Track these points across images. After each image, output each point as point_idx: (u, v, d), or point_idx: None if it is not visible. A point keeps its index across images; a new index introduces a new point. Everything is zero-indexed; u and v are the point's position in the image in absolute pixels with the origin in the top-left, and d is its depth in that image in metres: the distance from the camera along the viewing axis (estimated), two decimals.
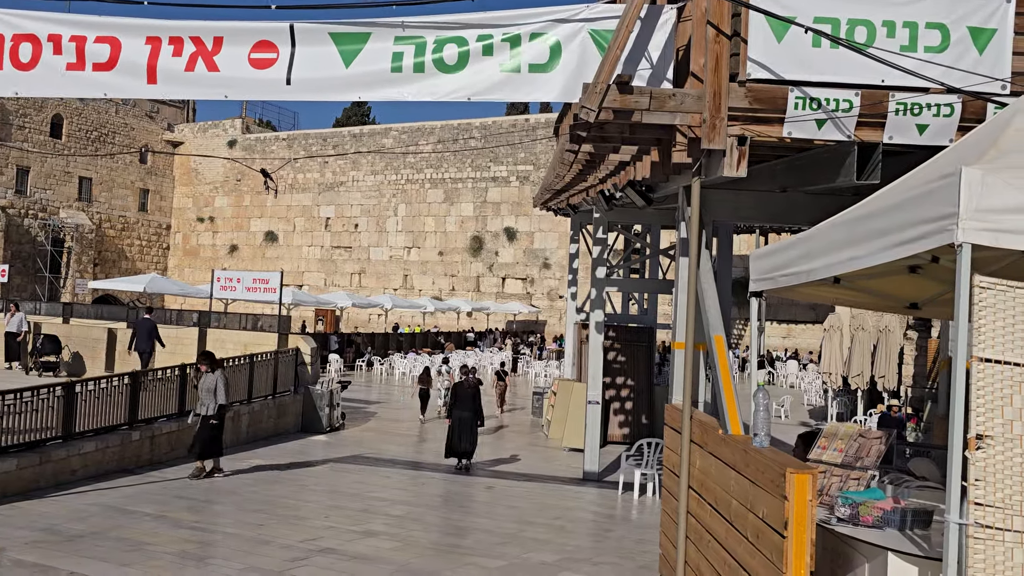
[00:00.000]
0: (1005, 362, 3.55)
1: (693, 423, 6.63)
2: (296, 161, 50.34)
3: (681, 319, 7.26)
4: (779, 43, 6.29)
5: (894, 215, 4.07)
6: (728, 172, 6.41)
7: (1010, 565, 3.39)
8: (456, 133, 46.98)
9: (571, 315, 20.43)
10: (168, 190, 54.62)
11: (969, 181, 3.58)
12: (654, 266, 18.78)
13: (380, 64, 7.01)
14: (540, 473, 13.43)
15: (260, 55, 7.18)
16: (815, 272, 4.84)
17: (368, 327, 45.64)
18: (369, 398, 23.61)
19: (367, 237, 49.66)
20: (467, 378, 13.66)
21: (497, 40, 6.86)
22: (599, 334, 13.51)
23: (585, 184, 13.04)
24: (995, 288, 3.61)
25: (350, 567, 7.47)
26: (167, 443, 12.56)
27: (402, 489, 11.95)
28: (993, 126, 4.57)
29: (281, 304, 21.48)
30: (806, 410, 23.97)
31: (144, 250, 52.70)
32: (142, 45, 7.34)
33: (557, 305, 43.90)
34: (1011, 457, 3.48)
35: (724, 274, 13.82)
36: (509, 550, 8.39)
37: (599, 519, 10.50)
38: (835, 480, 5.62)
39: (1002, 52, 6.19)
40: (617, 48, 6.27)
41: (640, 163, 8.69)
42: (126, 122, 50.62)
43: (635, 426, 16.59)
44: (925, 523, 4.83)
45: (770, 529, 4.75)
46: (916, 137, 6.33)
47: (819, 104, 6.30)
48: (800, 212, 8.83)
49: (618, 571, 7.82)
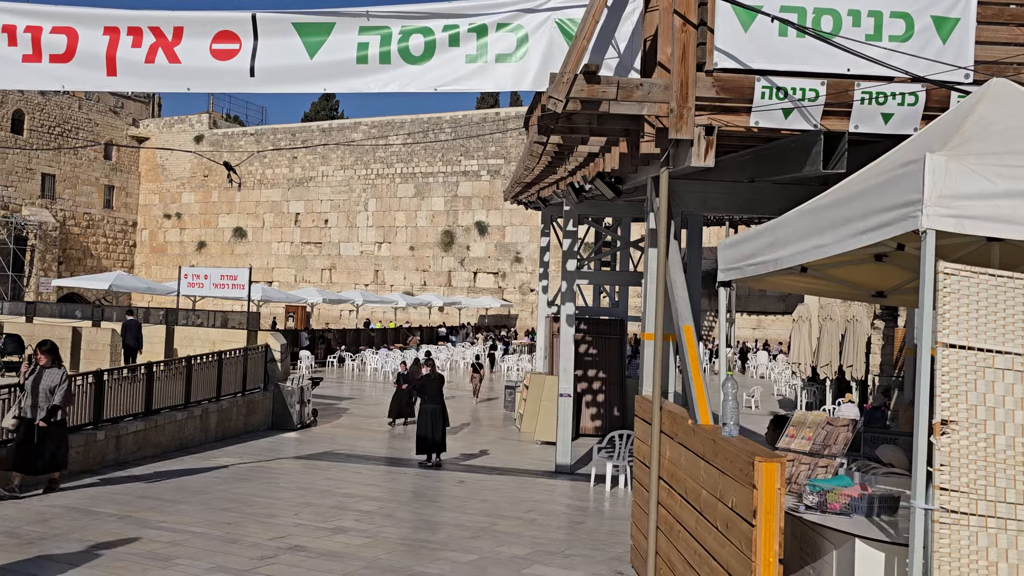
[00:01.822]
0: (969, 347, 3.57)
1: (663, 414, 6.63)
2: (265, 156, 49.81)
3: (650, 310, 7.26)
4: (746, 32, 6.28)
5: (859, 203, 4.07)
6: (696, 162, 6.40)
7: (974, 549, 3.41)
8: (426, 127, 46.76)
9: (543, 309, 20.41)
10: (134, 186, 53.79)
11: (933, 168, 3.59)
12: (625, 258, 18.81)
13: (345, 55, 6.91)
14: (512, 467, 13.41)
15: (222, 46, 7.04)
16: (782, 261, 4.84)
17: (339, 323, 45.35)
18: (341, 394, 23.45)
19: (337, 232, 49.30)
20: (432, 370, 13.66)
21: (463, 30, 6.79)
22: (570, 327, 13.50)
23: (555, 176, 13.00)
24: (959, 274, 3.63)
25: (319, 564, 7.39)
26: (133, 442, 12.36)
27: (373, 485, 11.86)
28: (956, 114, 4.59)
29: (250, 301, 21.23)
30: (776, 400, 24.19)
31: (110, 247, 51.88)
32: (100, 36, 7.17)
33: (529, 299, 43.91)
34: (975, 442, 3.50)
35: (694, 266, 13.88)
36: (480, 544, 8.35)
37: (571, 511, 10.50)
38: (803, 468, 5.65)
39: (965, 41, 6.24)
40: (584, 38, 6.23)
41: (609, 154, 8.67)
42: (90, 117, 49.74)
43: (607, 418, 16.63)
44: (892, 509, 4.87)
45: (739, 518, 4.76)
46: (881, 126, 6.36)
47: (786, 93, 6.31)
48: (768, 202, 8.86)
49: (589, 563, 7.81)
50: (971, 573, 3.41)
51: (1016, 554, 3.42)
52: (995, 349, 3.57)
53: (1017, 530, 3.44)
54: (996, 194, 3.59)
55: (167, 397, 13.42)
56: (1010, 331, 3.59)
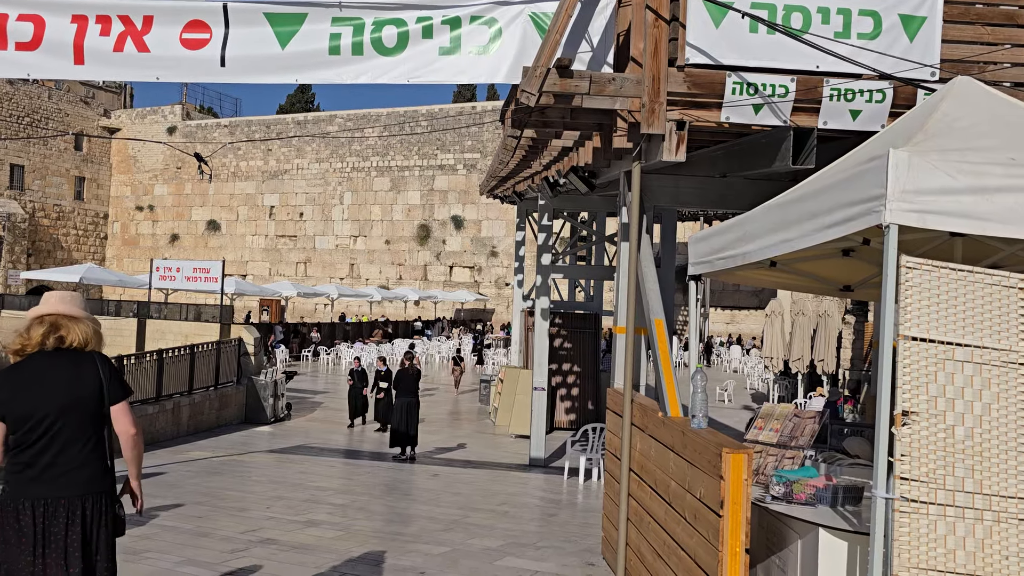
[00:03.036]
0: (930, 340, 3.63)
1: (634, 406, 6.68)
2: (239, 148, 49.37)
3: (622, 304, 7.30)
4: (717, 28, 6.32)
5: (825, 198, 4.12)
6: (667, 157, 6.44)
7: (933, 537, 3.48)
8: (402, 120, 46.57)
9: (518, 303, 20.46)
10: (105, 178, 53.10)
11: (896, 163, 3.64)
12: (600, 253, 18.90)
13: (317, 45, 6.87)
14: (486, 460, 13.44)
15: (192, 35, 6.97)
16: (750, 255, 4.89)
17: (314, 316, 45.10)
18: (316, 388, 23.35)
19: (312, 226, 49.00)
20: (410, 364, 13.68)
21: (437, 22, 6.77)
22: (545, 321, 13.54)
23: (530, 171, 13.03)
24: (921, 268, 3.69)
25: (290, 557, 7.37)
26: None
27: (347, 479, 11.84)
28: (921, 111, 4.67)
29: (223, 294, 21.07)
30: (749, 394, 24.42)
31: (80, 240, 51.19)
32: (67, 24, 7.07)
33: (505, 293, 43.95)
34: (935, 432, 3.57)
35: (668, 260, 13.98)
36: (453, 536, 8.38)
37: (544, 504, 10.55)
38: (771, 459, 5.72)
39: (931, 39, 6.33)
40: (557, 32, 6.24)
41: (582, 149, 8.71)
42: (60, 107, 49.01)
43: (581, 412, 16.70)
44: (856, 499, 4.95)
45: (707, 509, 4.81)
46: (850, 122, 6.44)
47: (756, 89, 6.36)
48: (740, 197, 8.94)
49: (561, 555, 7.86)
50: (929, 560, 3.48)
51: (973, 542, 3.50)
52: (955, 342, 3.64)
53: (974, 518, 3.51)
54: (958, 190, 3.66)
55: (138, 391, 13.28)
56: (970, 324, 3.66)
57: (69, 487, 3.56)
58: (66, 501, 3.54)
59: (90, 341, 3.76)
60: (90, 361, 3.70)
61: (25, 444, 3.55)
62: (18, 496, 3.52)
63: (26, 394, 3.57)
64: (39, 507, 3.51)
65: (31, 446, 3.55)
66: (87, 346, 3.74)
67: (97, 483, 3.65)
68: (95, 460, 3.65)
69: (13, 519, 3.52)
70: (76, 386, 3.62)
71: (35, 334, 3.71)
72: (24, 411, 3.55)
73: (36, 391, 3.58)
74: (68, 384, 3.61)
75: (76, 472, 3.58)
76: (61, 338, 3.70)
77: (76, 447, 3.59)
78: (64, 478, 3.56)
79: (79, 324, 3.75)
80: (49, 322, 3.73)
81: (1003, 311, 3.68)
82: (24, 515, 3.50)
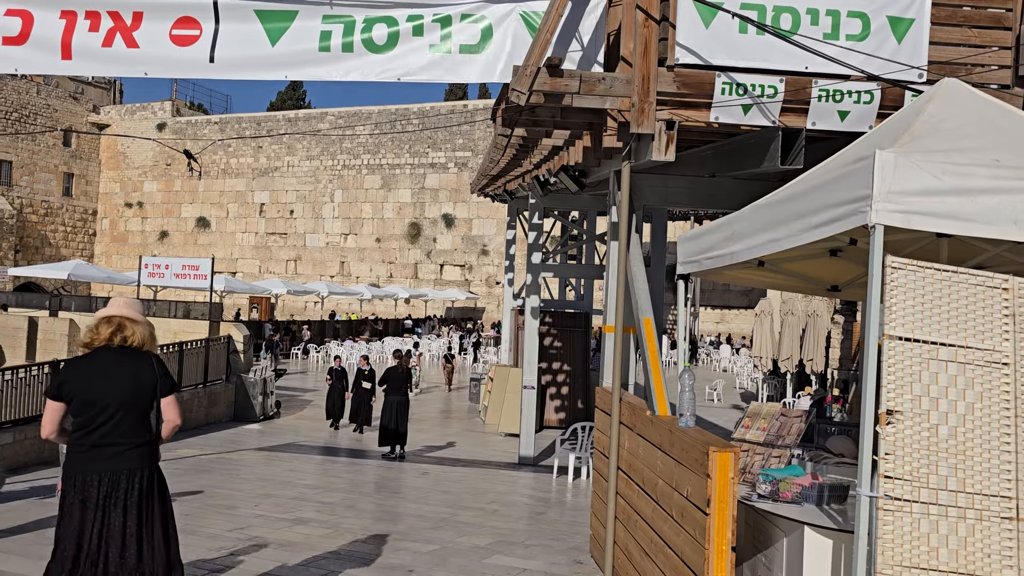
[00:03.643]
0: (915, 339, 3.66)
1: (622, 405, 6.70)
2: (229, 145, 49.19)
3: (611, 303, 7.32)
4: (707, 29, 6.35)
5: (812, 198, 4.15)
6: (657, 156, 6.46)
7: (916, 535, 3.51)
8: (394, 118, 46.50)
9: (508, 301, 20.48)
10: (94, 174, 52.82)
11: (882, 164, 3.67)
12: (590, 252, 18.93)
13: (307, 43, 6.86)
14: (476, 458, 13.45)
15: (182, 32, 6.95)
16: (738, 255, 4.92)
17: (304, 314, 45.01)
18: (305, 386, 23.30)
19: (303, 223, 48.88)
20: (400, 363, 13.69)
21: (428, 20, 6.77)
22: (534, 319, 13.56)
23: (520, 170, 13.04)
24: (906, 268, 3.72)
25: (279, 555, 7.36)
26: None
27: (336, 477, 11.83)
28: (908, 112, 4.70)
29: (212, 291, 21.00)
30: (738, 393, 24.51)
31: (69, 236, 50.91)
32: (56, 19, 7.03)
33: (495, 292, 43.95)
34: (919, 431, 3.60)
35: (658, 259, 14.02)
36: (442, 534, 8.38)
37: (533, 503, 10.57)
38: (758, 458, 5.75)
39: (919, 41, 6.37)
40: (547, 31, 6.25)
41: (573, 148, 8.72)
42: (48, 103, 48.71)
43: (571, 411, 16.73)
44: (841, 498, 4.98)
45: (693, 507, 4.84)
46: (838, 123, 6.48)
47: (745, 90, 6.39)
48: (730, 197, 8.97)
49: (549, 552, 7.88)
50: (913, 558, 3.51)
51: (956, 540, 3.53)
52: (939, 341, 3.67)
53: (957, 516, 3.54)
54: (942, 191, 3.69)
55: None
56: (954, 324, 3.69)
57: (128, 462, 4.22)
58: (126, 473, 4.20)
59: (147, 342, 4.38)
60: (147, 359, 4.33)
61: (92, 426, 4.18)
62: (86, 470, 4.16)
63: (93, 383, 4.19)
64: (104, 479, 4.16)
65: (97, 428, 4.18)
66: (144, 346, 4.36)
67: (148, 459, 4.31)
68: (147, 441, 4.33)
69: (80, 488, 4.15)
70: (135, 381, 4.25)
71: (103, 332, 4.30)
72: (90, 398, 4.17)
73: (102, 382, 4.20)
74: (129, 379, 4.24)
75: (132, 451, 4.23)
76: (124, 338, 4.31)
77: (133, 430, 4.25)
78: (123, 455, 4.21)
79: (139, 327, 4.36)
80: (116, 323, 4.32)
81: (987, 311, 3.71)
82: (90, 485, 4.14)
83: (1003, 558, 3.53)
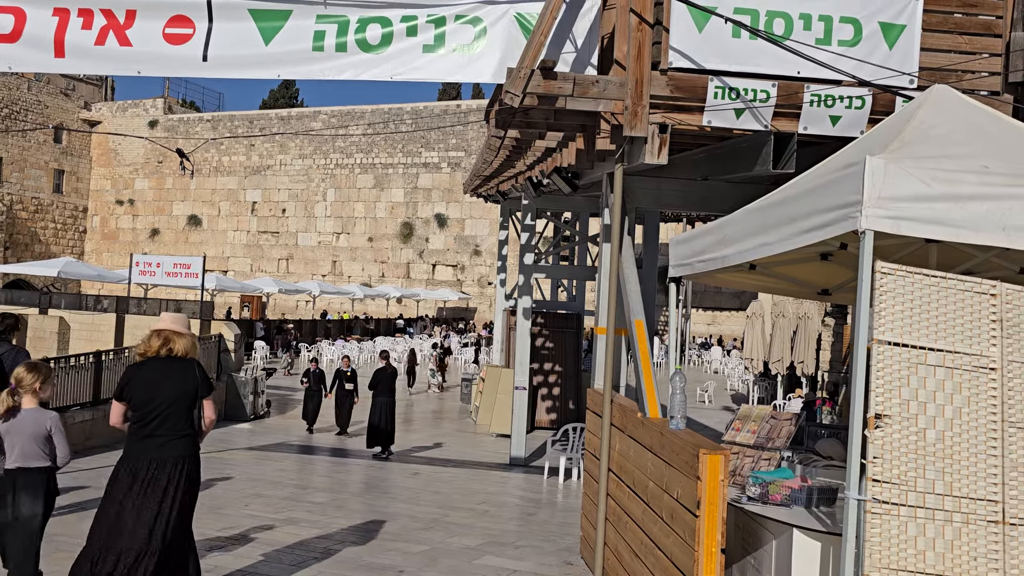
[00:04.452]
0: (903, 344, 3.69)
1: (613, 407, 6.72)
2: (221, 143, 49.06)
3: (603, 304, 7.34)
4: (700, 33, 6.38)
5: (803, 203, 4.18)
6: (649, 159, 6.49)
7: (904, 538, 3.54)
8: (387, 117, 46.46)
9: (500, 302, 20.48)
10: (85, 171, 52.59)
11: (873, 170, 3.70)
12: (582, 253, 18.95)
13: (301, 43, 6.86)
14: (467, 459, 13.46)
15: (175, 30, 6.94)
16: (729, 258, 4.94)
17: (296, 313, 44.91)
18: (295, 386, 23.24)
19: (295, 222, 48.79)
20: (387, 363, 13.72)
21: (422, 21, 6.79)
22: (526, 320, 13.57)
23: (513, 171, 13.06)
24: (895, 273, 3.75)
25: (268, 555, 7.36)
26: (81, 432, 12.12)
27: (326, 476, 11.82)
28: (899, 118, 4.73)
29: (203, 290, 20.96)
30: (729, 395, 24.58)
31: (59, 233, 50.67)
32: (49, 17, 7.02)
33: (487, 292, 43.96)
34: (907, 435, 3.63)
35: (650, 261, 14.03)
36: (432, 535, 8.39)
37: (523, 503, 10.58)
38: (748, 461, 5.78)
39: (910, 47, 6.41)
40: (541, 33, 6.27)
41: (566, 150, 8.74)
42: (39, 99, 48.49)
43: (562, 411, 16.75)
44: (830, 501, 5.01)
45: (683, 509, 4.86)
46: (829, 128, 6.52)
47: (738, 94, 6.42)
48: (722, 200, 9.01)
49: (539, 553, 7.89)
50: (900, 561, 3.54)
51: (943, 543, 3.56)
52: (928, 346, 3.70)
53: (944, 520, 3.57)
54: (932, 197, 3.72)
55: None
56: (942, 329, 3.72)
57: (173, 450, 5.16)
58: (171, 460, 5.14)
59: (190, 351, 5.31)
60: (190, 366, 5.28)
61: (145, 420, 5.14)
62: (139, 455, 5.14)
63: (146, 388, 5.16)
64: (153, 463, 5.11)
65: (149, 423, 5.14)
66: (187, 355, 5.28)
67: (190, 448, 5.26)
68: (189, 433, 5.27)
69: (132, 467, 5.11)
70: (180, 384, 5.19)
71: (154, 344, 5.27)
72: (145, 398, 5.14)
73: (153, 387, 5.16)
74: (175, 383, 5.18)
75: (178, 440, 5.19)
76: (171, 349, 5.25)
77: (178, 424, 5.19)
78: (169, 444, 5.16)
79: (183, 338, 5.29)
80: (164, 336, 5.26)
81: (975, 316, 3.75)
82: (141, 467, 5.10)
83: (989, 561, 3.57)
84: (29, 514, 5.22)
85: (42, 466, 5.31)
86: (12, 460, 5.24)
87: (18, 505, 5.21)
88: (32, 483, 5.24)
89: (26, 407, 5.27)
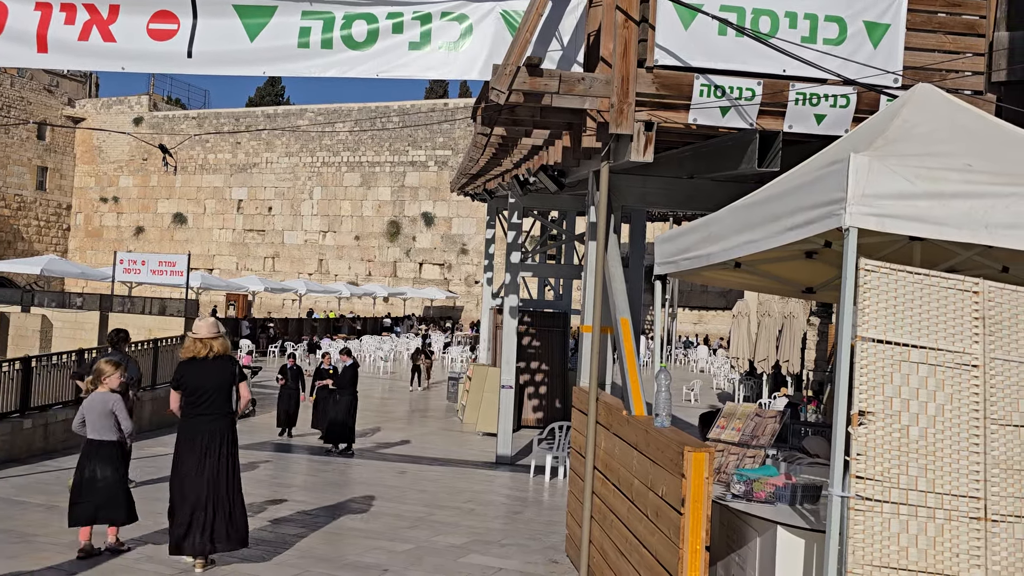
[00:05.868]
0: (887, 341, 3.70)
1: (599, 405, 6.72)
2: (207, 141, 48.76)
3: (588, 302, 7.34)
4: (686, 30, 6.38)
5: (788, 200, 4.19)
6: (635, 157, 6.49)
7: (887, 535, 3.55)
8: (374, 115, 46.32)
9: (487, 300, 20.45)
10: (69, 168, 52.15)
11: (857, 167, 3.71)
12: (569, 252, 18.94)
13: (286, 39, 6.82)
14: (453, 457, 13.43)
15: (159, 26, 6.89)
16: (714, 256, 4.95)
17: (282, 312, 44.72)
18: None
19: (281, 220, 48.56)
20: (354, 361, 13.73)
21: (408, 18, 6.76)
22: (513, 319, 13.56)
23: (500, 169, 13.03)
24: (879, 271, 3.76)
25: (252, 555, 7.31)
26: (63, 431, 12.01)
27: (311, 475, 11.76)
28: (883, 117, 4.75)
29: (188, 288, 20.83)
30: (715, 394, 24.66)
31: (42, 231, 50.24)
32: (31, 12, 6.95)
33: (475, 291, 43.91)
34: (890, 432, 3.64)
35: (636, 260, 14.06)
36: (417, 533, 8.36)
37: (510, 502, 10.57)
38: (732, 458, 5.79)
39: (895, 46, 6.44)
40: (527, 30, 6.26)
41: (552, 147, 8.73)
42: (22, 95, 48.04)
43: (549, 410, 16.75)
44: (814, 498, 5.03)
45: (668, 506, 4.86)
46: (814, 126, 6.54)
47: (723, 92, 6.43)
48: (708, 198, 9.02)
49: (525, 552, 7.88)
50: (883, 558, 3.55)
51: (925, 540, 3.57)
52: (911, 343, 3.71)
53: (927, 516, 3.59)
54: (915, 194, 3.73)
55: None
56: (925, 326, 3.73)
57: (219, 424, 6.76)
58: (219, 431, 6.74)
59: (227, 350, 6.87)
60: (228, 360, 6.88)
61: (197, 403, 6.73)
62: (195, 430, 6.72)
63: (197, 377, 6.74)
64: (205, 435, 6.70)
65: (200, 404, 6.73)
66: (224, 352, 6.83)
67: (230, 423, 6.88)
68: (229, 411, 6.89)
69: (190, 439, 6.71)
70: (221, 375, 6.78)
71: (197, 348, 6.77)
72: (195, 386, 6.74)
73: (201, 378, 6.74)
74: (217, 375, 6.77)
75: (221, 418, 6.80)
76: (211, 349, 6.76)
77: (221, 405, 6.79)
78: (215, 420, 6.75)
79: (218, 341, 6.82)
80: (204, 343, 6.78)
81: (958, 314, 3.76)
82: (197, 440, 6.69)
83: (971, 557, 3.58)
84: (102, 476, 6.95)
85: (112, 439, 7.09)
86: (91, 433, 7.06)
87: (95, 468, 6.97)
88: (104, 453, 7.03)
89: (99, 391, 7.11)
